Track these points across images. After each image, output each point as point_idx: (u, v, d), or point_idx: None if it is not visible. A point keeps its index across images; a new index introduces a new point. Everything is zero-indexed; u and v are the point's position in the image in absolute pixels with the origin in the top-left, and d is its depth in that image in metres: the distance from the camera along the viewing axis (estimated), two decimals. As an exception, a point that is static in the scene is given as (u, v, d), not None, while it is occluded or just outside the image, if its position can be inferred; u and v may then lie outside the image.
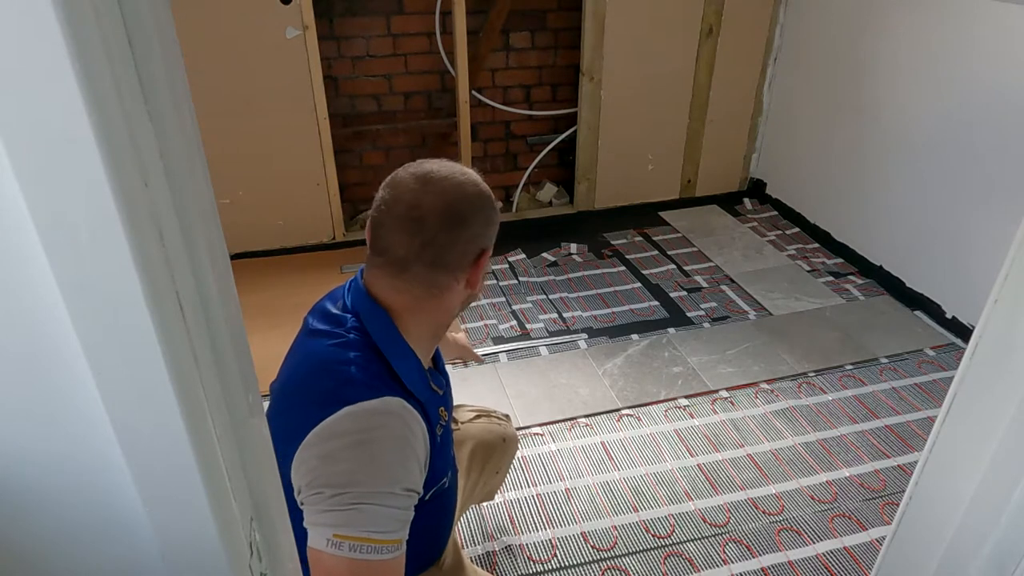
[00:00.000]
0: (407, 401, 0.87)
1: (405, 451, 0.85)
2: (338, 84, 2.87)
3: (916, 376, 2.19)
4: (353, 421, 0.83)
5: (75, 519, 0.46)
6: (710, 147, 3.24)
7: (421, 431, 0.88)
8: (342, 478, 0.80)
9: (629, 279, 2.75)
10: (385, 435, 0.84)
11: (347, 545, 0.77)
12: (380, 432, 0.84)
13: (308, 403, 0.86)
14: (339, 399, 0.84)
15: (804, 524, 1.70)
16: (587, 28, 2.82)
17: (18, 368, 0.40)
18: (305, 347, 0.94)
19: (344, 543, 0.77)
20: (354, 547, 0.77)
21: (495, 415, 1.43)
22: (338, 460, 0.81)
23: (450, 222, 0.89)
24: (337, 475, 0.80)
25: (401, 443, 0.85)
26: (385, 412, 0.85)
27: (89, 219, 0.36)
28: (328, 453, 0.82)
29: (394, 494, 0.82)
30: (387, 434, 0.84)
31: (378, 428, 0.84)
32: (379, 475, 0.81)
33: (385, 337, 0.90)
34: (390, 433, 0.84)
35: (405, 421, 0.86)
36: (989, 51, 2.13)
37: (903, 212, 2.55)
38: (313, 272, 2.74)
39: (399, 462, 0.84)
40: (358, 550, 0.78)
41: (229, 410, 0.50)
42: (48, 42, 0.32)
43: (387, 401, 0.85)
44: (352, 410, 0.83)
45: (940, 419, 0.80)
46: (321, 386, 0.87)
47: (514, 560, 1.62)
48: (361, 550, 0.78)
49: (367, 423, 0.83)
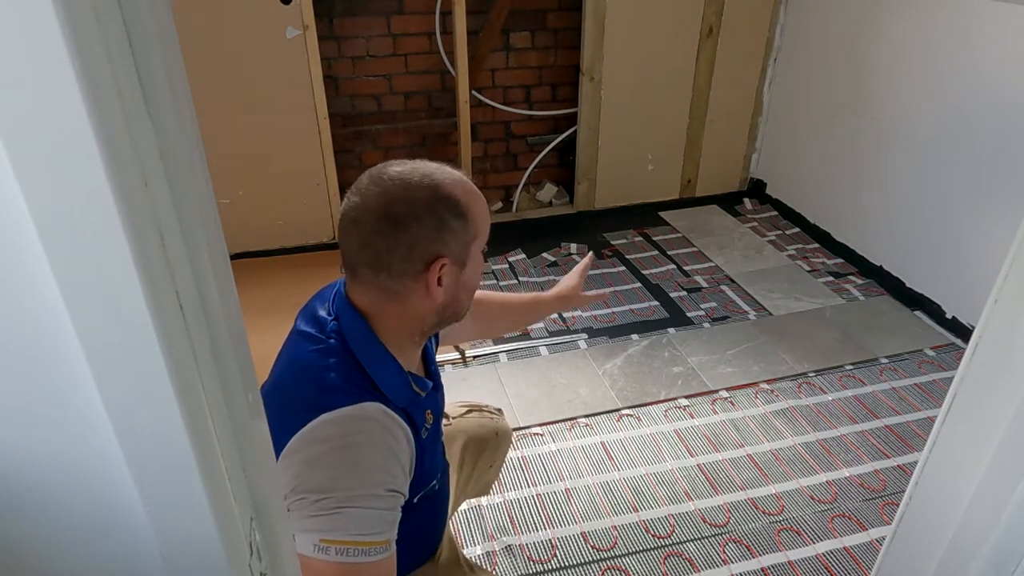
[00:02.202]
0: (387, 406, 0.87)
1: (386, 454, 0.85)
2: (338, 84, 2.87)
3: (916, 376, 2.19)
4: (333, 427, 0.83)
5: (74, 519, 0.46)
6: (710, 147, 3.24)
7: (404, 435, 0.88)
8: (325, 483, 0.80)
9: (629, 279, 2.75)
10: (365, 440, 0.84)
11: (334, 549, 0.77)
12: (360, 437, 0.83)
13: (289, 409, 0.86)
14: (318, 405, 0.84)
15: (804, 524, 1.70)
16: (587, 28, 2.82)
17: (18, 368, 0.40)
18: (290, 351, 0.94)
19: (331, 547, 0.77)
20: (341, 551, 0.77)
21: (487, 409, 1.42)
22: (320, 465, 0.81)
23: (382, 225, 0.85)
24: (319, 480, 0.80)
25: (382, 447, 0.84)
26: (364, 418, 0.84)
27: (89, 219, 0.36)
28: (309, 459, 0.82)
29: (378, 496, 0.82)
30: (367, 439, 0.84)
31: (358, 433, 0.83)
32: (361, 478, 0.81)
33: (361, 342, 0.89)
34: (370, 438, 0.84)
35: (384, 426, 0.85)
36: (989, 51, 2.13)
37: (903, 212, 2.55)
38: (313, 272, 2.74)
39: (381, 465, 0.84)
40: (345, 553, 0.78)
41: (229, 410, 0.50)
42: (48, 42, 0.32)
43: (365, 407, 0.85)
44: (331, 416, 0.83)
45: (940, 419, 0.80)
46: (302, 392, 0.87)
47: (514, 560, 1.62)
48: (349, 553, 0.78)
49: (347, 428, 0.83)
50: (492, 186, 3.30)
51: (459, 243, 0.89)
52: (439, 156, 3.11)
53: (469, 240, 0.89)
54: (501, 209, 3.28)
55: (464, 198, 0.88)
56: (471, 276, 0.93)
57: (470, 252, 0.91)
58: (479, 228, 0.90)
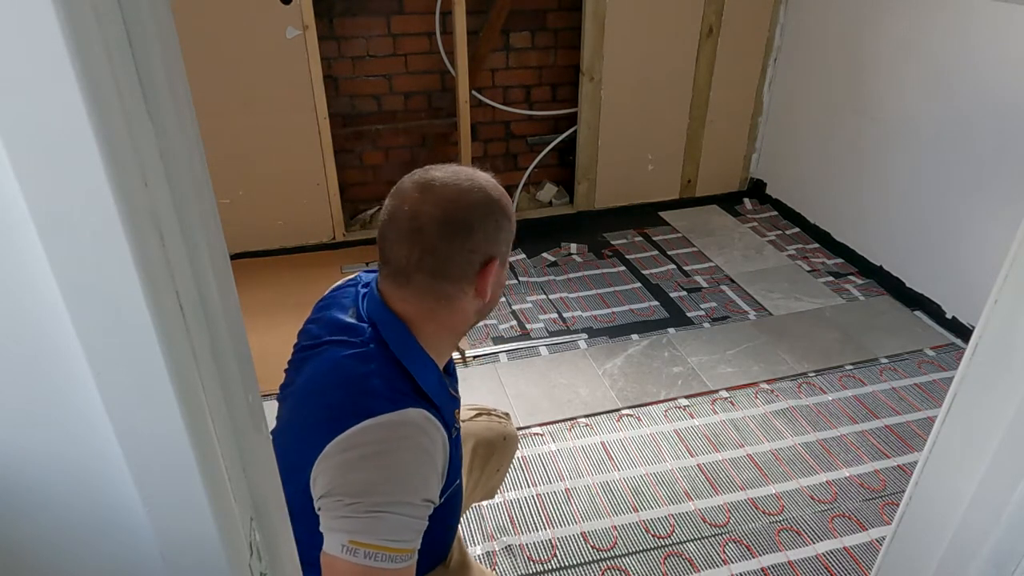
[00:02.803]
0: (429, 411, 0.87)
1: (425, 462, 0.84)
2: (338, 84, 2.86)
3: (916, 376, 2.19)
4: (375, 432, 0.83)
5: (74, 519, 0.46)
6: (710, 147, 3.24)
7: (442, 441, 0.88)
8: (361, 486, 0.80)
9: (629, 279, 2.75)
10: (406, 446, 0.84)
11: (363, 552, 0.77)
12: (401, 443, 0.83)
13: (326, 415, 0.86)
14: (360, 411, 0.83)
15: (804, 524, 1.70)
16: (587, 28, 2.82)
17: (18, 368, 0.40)
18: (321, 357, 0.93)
19: (360, 550, 0.77)
20: (369, 554, 0.78)
21: (496, 413, 1.43)
22: (358, 469, 0.81)
23: (448, 231, 0.88)
24: (356, 483, 0.80)
25: (421, 454, 0.84)
26: (407, 423, 0.84)
27: (89, 219, 0.36)
28: (347, 462, 0.82)
29: (412, 504, 0.82)
30: (408, 445, 0.84)
31: (399, 439, 0.83)
32: (398, 485, 0.81)
33: (403, 347, 0.90)
34: (411, 444, 0.84)
35: (427, 432, 0.85)
36: (989, 51, 2.13)
37: (903, 212, 2.55)
38: (313, 272, 2.74)
39: (419, 473, 0.84)
40: (373, 558, 0.78)
41: (229, 410, 0.50)
42: (48, 42, 0.32)
43: (408, 413, 0.85)
44: (374, 422, 0.83)
45: (940, 419, 0.80)
46: (340, 398, 0.87)
47: (514, 560, 1.62)
48: (376, 558, 0.78)
49: (389, 434, 0.83)
50: (492, 186, 3.30)
51: (507, 244, 0.95)
52: (439, 156, 3.12)
53: (512, 239, 0.96)
54: (501, 209, 3.28)
55: (505, 200, 0.94)
56: (501, 276, 0.97)
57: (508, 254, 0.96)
58: (513, 229, 0.96)
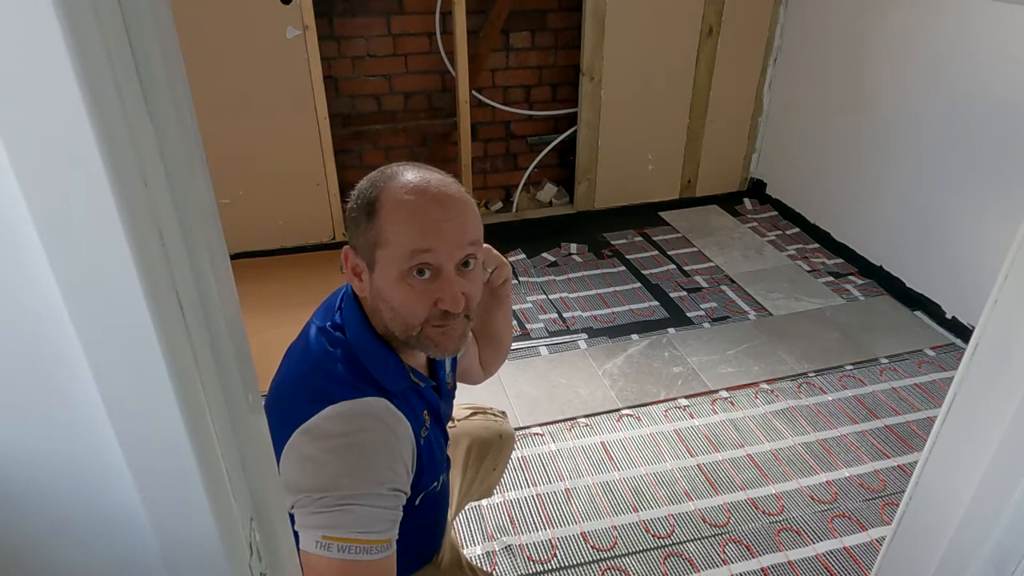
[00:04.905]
0: (391, 402, 0.87)
1: (391, 453, 0.85)
2: (338, 84, 2.86)
3: (916, 376, 2.19)
4: (337, 423, 0.83)
5: (74, 519, 0.46)
6: (710, 147, 3.24)
7: (407, 433, 0.88)
8: (327, 480, 0.80)
9: (629, 279, 2.75)
10: (369, 438, 0.84)
11: (336, 546, 0.78)
12: (364, 435, 0.84)
13: (298, 399, 0.87)
14: (324, 396, 0.85)
15: (804, 524, 1.70)
16: (587, 28, 2.82)
17: (18, 368, 0.40)
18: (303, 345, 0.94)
19: (333, 544, 0.78)
20: (343, 548, 0.78)
21: (491, 411, 1.43)
22: (323, 463, 0.82)
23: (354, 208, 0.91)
24: (323, 478, 0.81)
25: (385, 446, 0.85)
26: (368, 414, 0.85)
27: (89, 219, 0.36)
28: (313, 456, 0.82)
29: (380, 495, 0.82)
30: (371, 437, 0.84)
31: (362, 431, 0.84)
32: (365, 476, 0.82)
33: (355, 332, 0.90)
34: (374, 436, 0.84)
35: (388, 423, 0.86)
36: (989, 52, 2.13)
37: (903, 212, 2.55)
38: (313, 272, 2.74)
39: (384, 463, 0.84)
40: (347, 551, 0.78)
41: (229, 410, 0.50)
42: (48, 42, 0.32)
43: (369, 402, 0.85)
44: (335, 410, 0.83)
45: (940, 419, 0.80)
46: (311, 383, 0.88)
47: (514, 560, 1.62)
48: (350, 551, 0.78)
49: (351, 426, 0.84)
50: (492, 186, 3.30)
51: (364, 241, 0.86)
52: (439, 156, 3.12)
53: (372, 240, 0.85)
54: (501, 209, 3.28)
55: (388, 200, 0.84)
56: (382, 284, 0.86)
57: (375, 257, 0.86)
58: (388, 236, 0.84)
